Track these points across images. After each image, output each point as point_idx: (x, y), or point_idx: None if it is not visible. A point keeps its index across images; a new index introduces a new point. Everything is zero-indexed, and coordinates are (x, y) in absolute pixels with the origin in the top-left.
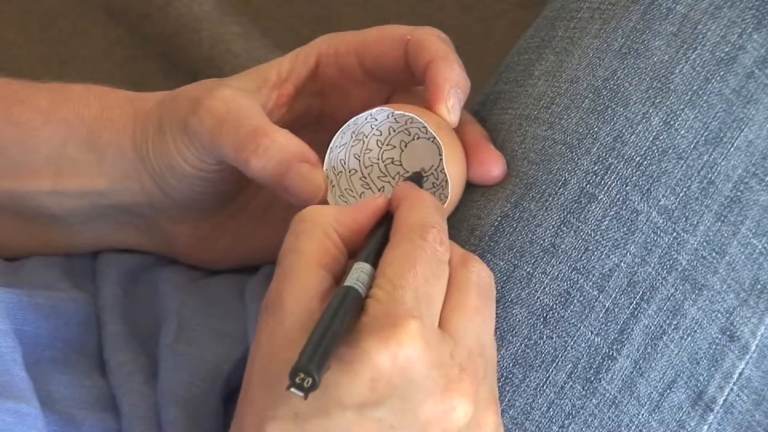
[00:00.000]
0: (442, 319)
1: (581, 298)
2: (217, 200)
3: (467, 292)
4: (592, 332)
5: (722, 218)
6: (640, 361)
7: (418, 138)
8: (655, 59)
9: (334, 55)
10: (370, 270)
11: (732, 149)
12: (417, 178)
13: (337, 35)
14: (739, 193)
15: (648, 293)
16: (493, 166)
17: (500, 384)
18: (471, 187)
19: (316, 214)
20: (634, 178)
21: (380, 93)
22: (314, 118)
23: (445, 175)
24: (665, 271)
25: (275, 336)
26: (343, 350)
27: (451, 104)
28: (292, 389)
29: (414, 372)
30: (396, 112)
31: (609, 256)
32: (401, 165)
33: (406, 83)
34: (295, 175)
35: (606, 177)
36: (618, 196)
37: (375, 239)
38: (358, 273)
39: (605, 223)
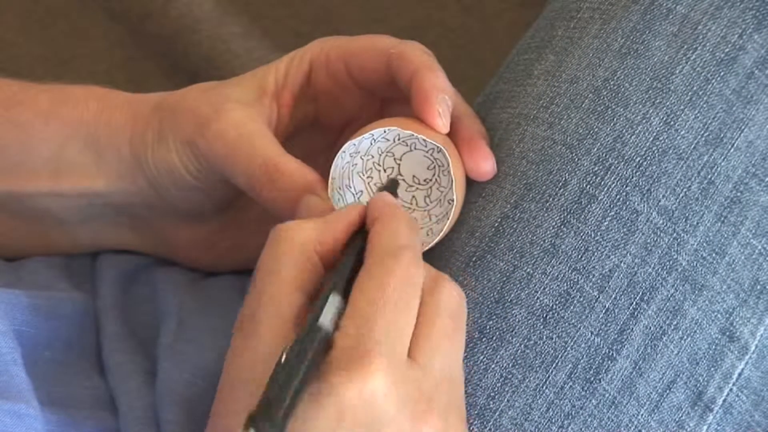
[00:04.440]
0: (412, 345)
1: (581, 299)
2: (215, 206)
3: (436, 317)
4: (591, 333)
5: (722, 219)
6: (640, 362)
7: (414, 148)
8: (656, 60)
9: (325, 61)
10: (340, 303)
11: (732, 150)
12: (392, 186)
13: (329, 40)
14: (739, 194)
15: (648, 294)
16: (482, 161)
17: (499, 384)
18: (470, 189)
19: (295, 233)
20: (635, 178)
21: (371, 101)
22: (310, 122)
23: (445, 188)
24: (665, 272)
25: (246, 360)
26: (311, 383)
27: (440, 110)
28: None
29: (381, 407)
30: (403, 132)
31: (609, 257)
32: (404, 179)
33: (391, 95)
34: (304, 208)
35: (606, 177)
36: (618, 196)
37: (348, 258)
38: (330, 308)
39: (605, 223)
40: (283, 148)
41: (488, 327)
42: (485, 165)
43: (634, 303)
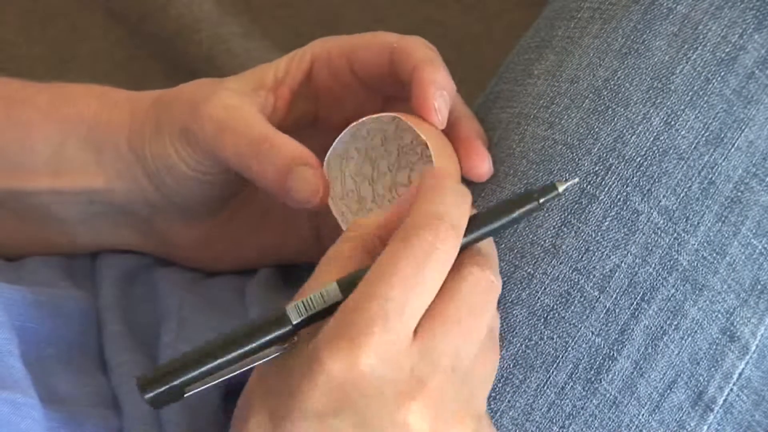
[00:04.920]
0: (421, 325)
1: (582, 299)
2: (214, 202)
3: (451, 302)
4: (592, 333)
5: (723, 219)
6: (641, 362)
7: (414, 145)
8: (656, 59)
9: (327, 59)
10: (335, 294)
11: (732, 150)
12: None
13: (332, 39)
14: (739, 194)
15: (648, 294)
16: (479, 162)
17: (500, 385)
18: (470, 189)
19: (362, 222)
20: (635, 178)
21: (373, 99)
22: (310, 122)
23: None
24: (666, 272)
25: None
26: (307, 357)
27: (437, 106)
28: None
29: (367, 385)
30: (383, 117)
31: (610, 257)
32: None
33: (394, 91)
34: (295, 177)
35: (607, 177)
36: (618, 196)
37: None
38: (316, 298)
39: (606, 223)
40: (273, 126)
41: None
42: (482, 166)
43: (635, 303)
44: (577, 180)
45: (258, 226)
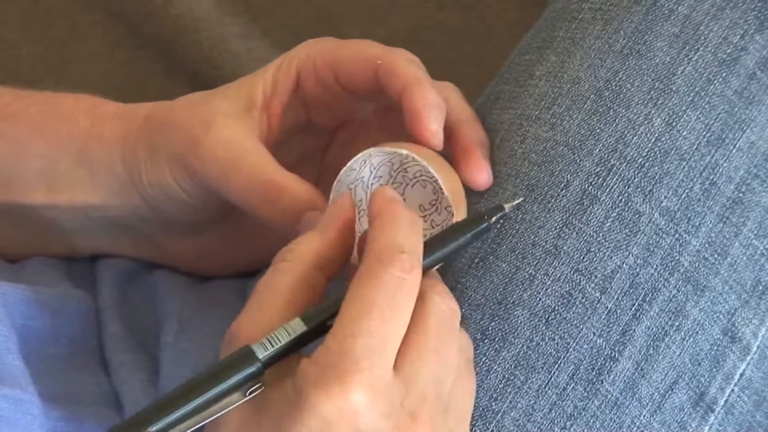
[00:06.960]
0: (398, 359)
1: (583, 300)
2: (214, 219)
3: (424, 331)
4: (594, 333)
5: (724, 219)
6: (642, 363)
7: (405, 165)
8: (657, 60)
9: (313, 69)
10: (300, 327)
11: (734, 150)
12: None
13: (316, 44)
14: (741, 195)
15: (650, 294)
16: (477, 173)
17: (502, 386)
18: (471, 191)
19: (299, 251)
20: (636, 179)
21: (363, 104)
22: (302, 126)
23: (450, 207)
24: (667, 273)
25: None
26: (294, 399)
27: (434, 129)
28: None
29: (362, 424)
30: (390, 150)
31: (611, 258)
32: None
33: (382, 101)
34: (305, 224)
35: (608, 178)
36: (620, 197)
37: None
38: (281, 333)
39: (607, 224)
40: (277, 163)
41: (491, 328)
42: (479, 177)
43: (636, 304)
44: (522, 200)
45: (257, 234)
